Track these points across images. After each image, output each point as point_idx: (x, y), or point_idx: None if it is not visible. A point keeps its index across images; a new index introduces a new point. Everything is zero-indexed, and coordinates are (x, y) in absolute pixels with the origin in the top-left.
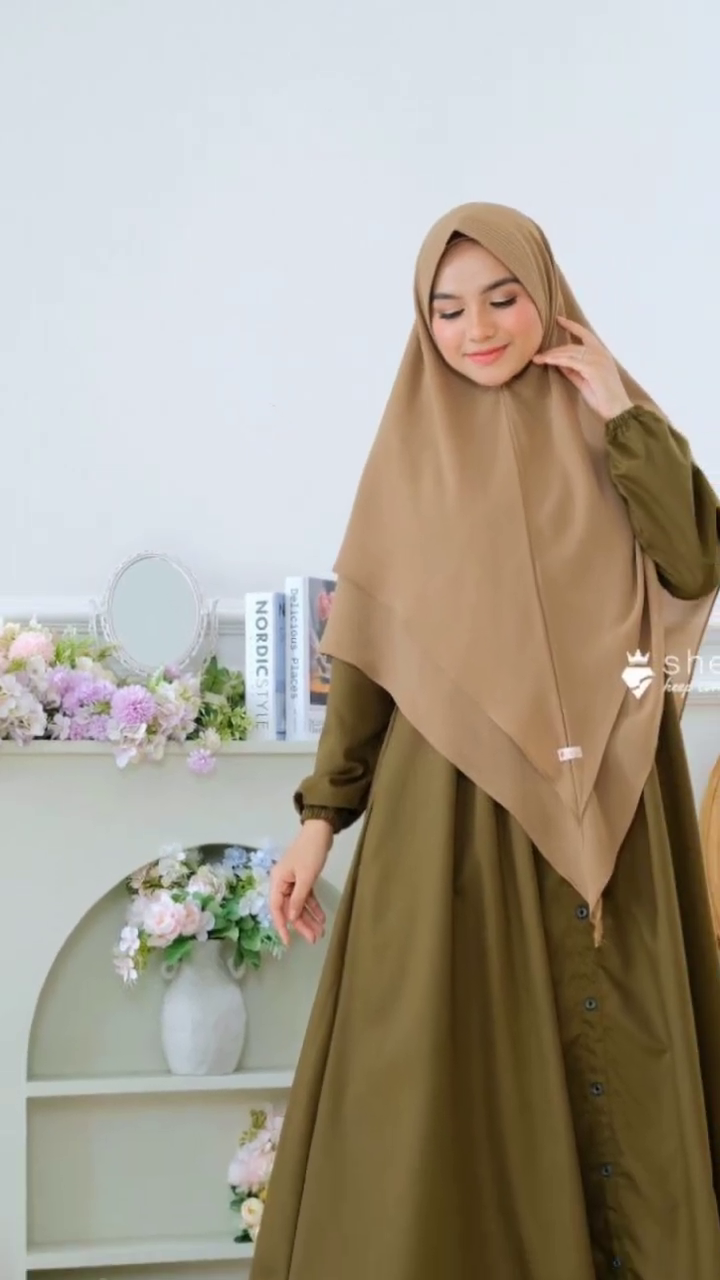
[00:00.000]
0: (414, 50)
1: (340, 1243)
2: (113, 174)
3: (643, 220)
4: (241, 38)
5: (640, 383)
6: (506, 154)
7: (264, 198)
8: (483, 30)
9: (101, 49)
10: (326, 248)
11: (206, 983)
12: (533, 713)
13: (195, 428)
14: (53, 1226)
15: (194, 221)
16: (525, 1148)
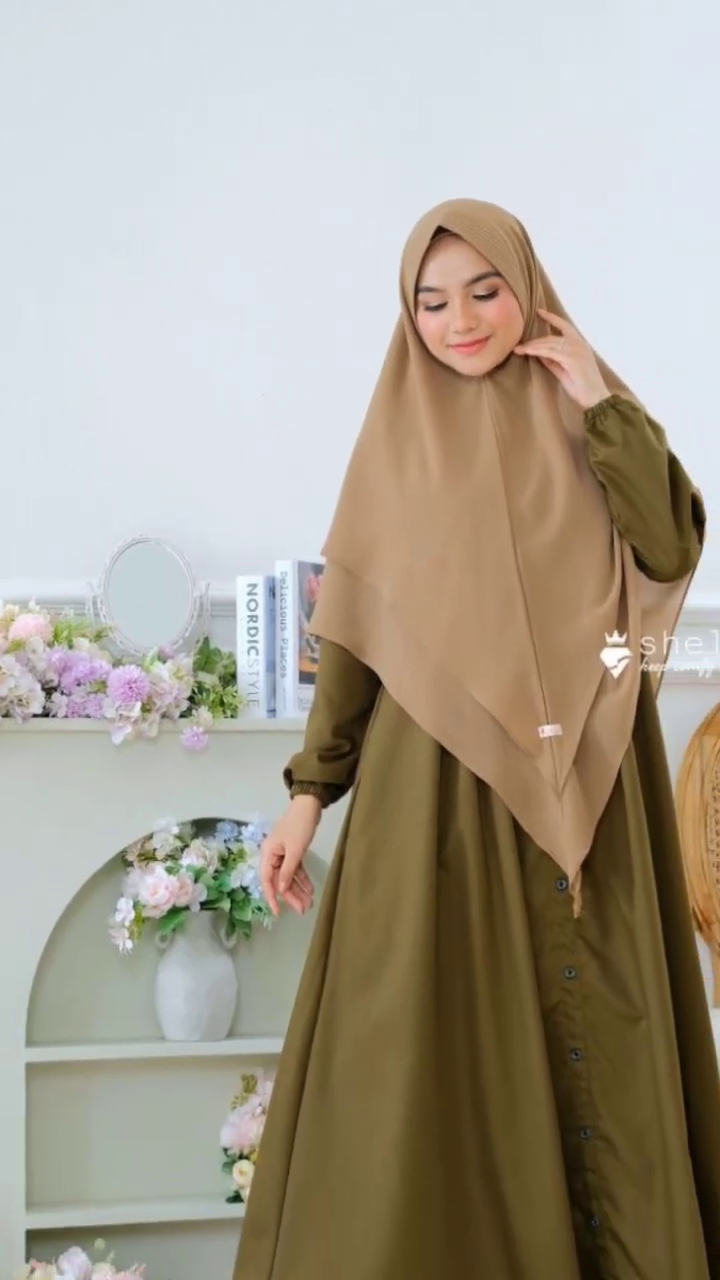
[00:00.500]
0: (401, 54)
1: (328, 1204)
2: (111, 172)
3: (616, 214)
4: (236, 40)
5: (616, 372)
6: (489, 152)
7: (256, 196)
8: (466, 34)
9: (100, 49)
10: (316, 244)
11: (199, 952)
12: (514, 691)
13: (189, 417)
14: (51, 1187)
15: (189, 219)
16: (507, 1112)
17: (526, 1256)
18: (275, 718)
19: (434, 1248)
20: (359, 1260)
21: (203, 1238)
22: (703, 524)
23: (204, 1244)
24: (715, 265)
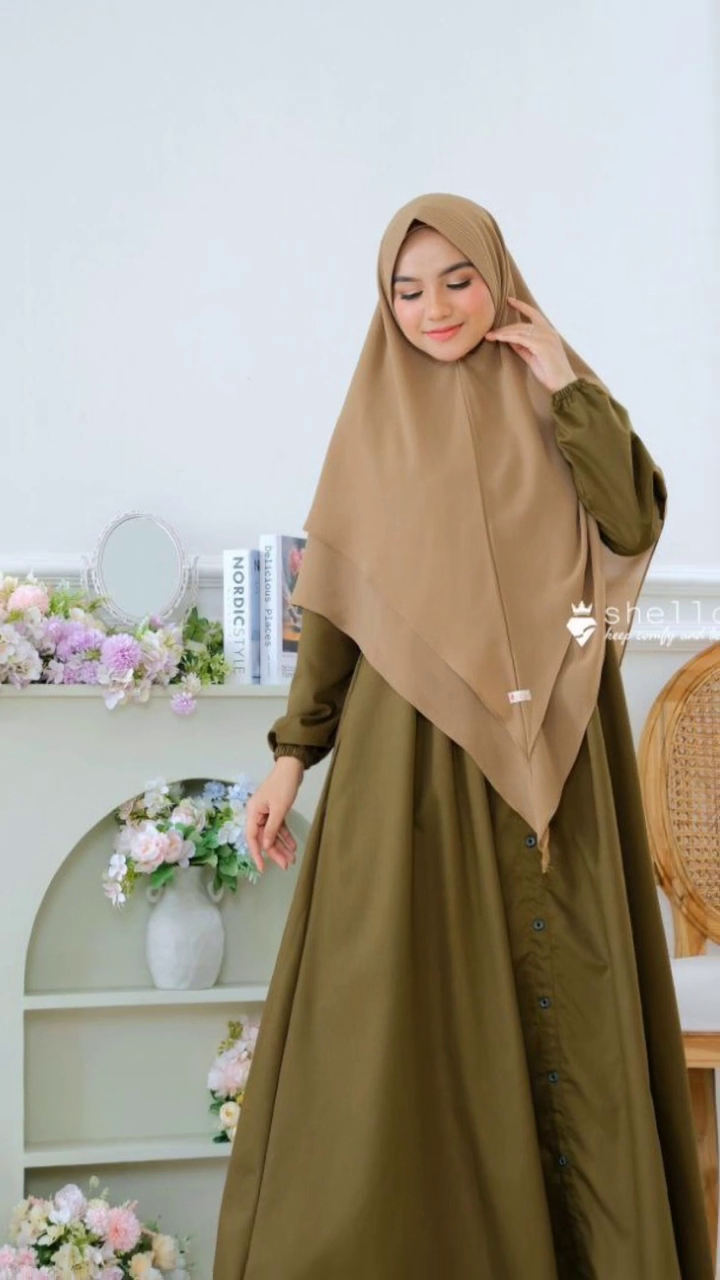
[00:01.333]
0: (380, 55)
1: (310, 1142)
2: (104, 168)
3: (586, 209)
4: (224, 43)
5: (583, 357)
6: (463, 149)
7: (241, 189)
8: (442, 37)
9: (93, 53)
10: (298, 234)
11: (188, 905)
12: (486, 659)
13: (178, 399)
14: (48, 1128)
15: (176, 210)
16: (479, 1056)
17: (497, 1193)
18: (260, 684)
19: (410, 1184)
20: (339, 1195)
21: (191, 1175)
22: (664, 501)
23: (192, 1181)
24: (682, 258)
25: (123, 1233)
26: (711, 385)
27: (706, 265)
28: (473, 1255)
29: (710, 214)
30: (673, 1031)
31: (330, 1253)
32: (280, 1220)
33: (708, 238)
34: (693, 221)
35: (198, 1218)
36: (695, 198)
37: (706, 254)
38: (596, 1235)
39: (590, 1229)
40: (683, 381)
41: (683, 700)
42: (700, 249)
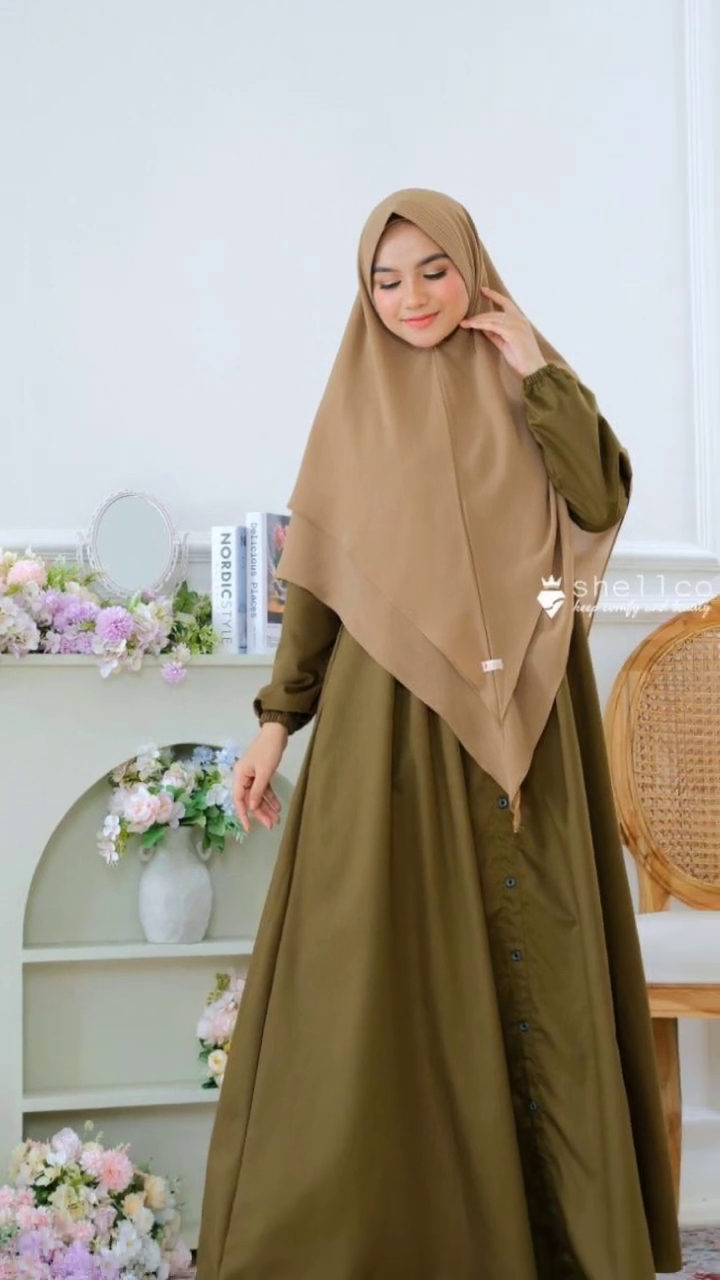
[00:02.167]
0: (356, 58)
1: (294, 1087)
2: (98, 166)
3: (554, 202)
4: (211, 47)
5: (552, 344)
6: (437, 147)
7: (230, 187)
8: (416, 39)
9: (88, 55)
10: (284, 229)
11: (178, 863)
12: (460, 630)
13: (168, 383)
14: (45, 1075)
15: (168, 206)
16: (454, 1007)
17: (471, 1136)
18: (246, 653)
19: (389, 1127)
20: (322, 1137)
21: (181, 1120)
22: (629, 480)
23: (182, 1125)
24: (646, 250)
25: (116, 1174)
26: (674, 370)
27: (669, 256)
28: (448, 1194)
29: (672, 207)
30: (637, 983)
31: (314, 1191)
32: (266, 1161)
33: (669, 230)
34: (655, 215)
35: (187, 1160)
36: (658, 192)
37: (669, 246)
38: (565, 1176)
39: (559, 1170)
40: (647, 367)
41: (647, 669)
42: (662, 241)
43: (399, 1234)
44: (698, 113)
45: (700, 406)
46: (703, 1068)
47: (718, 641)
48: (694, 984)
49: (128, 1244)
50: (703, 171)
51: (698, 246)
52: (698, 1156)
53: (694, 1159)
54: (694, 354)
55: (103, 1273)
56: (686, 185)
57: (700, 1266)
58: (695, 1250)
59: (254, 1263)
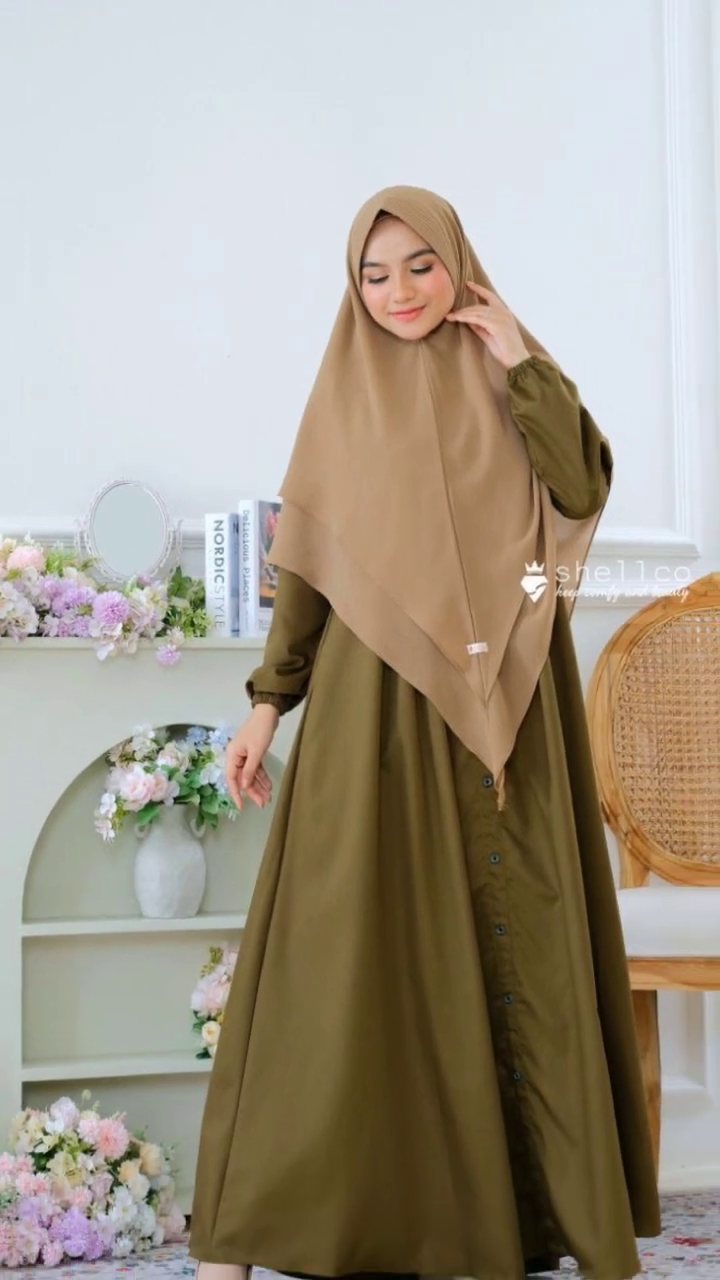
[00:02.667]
0: (349, 60)
1: (285, 1057)
2: (96, 164)
3: (539, 200)
4: (205, 48)
5: (536, 336)
6: (429, 146)
7: (223, 184)
8: (407, 42)
9: (86, 57)
10: (275, 225)
11: (172, 840)
12: (446, 614)
13: (163, 375)
14: (44, 1045)
15: (163, 203)
16: (440, 980)
17: (457, 1106)
18: (239, 637)
19: (377, 1097)
20: (312, 1106)
21: (176, 1089)
22: (610, 469)
23: (177, 1094)
24: (627, 245)
25: (113, 1141)
26: (654, 363)
27: (650, 252)
28: (434, 1162)
29: (653, 204)
30: (618, 957)
31: (304, 1159)
32: (258, 1130)
33: (649, 226)
34: (637, 211)
35: (181, 1128)
36: (640, 189)
37: (649, 242)
38: (548, 1144)
39: (542, 1138)
40: (628, 359)
41: (627, 652)
42: (644, 237)
43: (387, 1200)
44: (676, 113)
45: (679, 398)
46: (681, 1039)
47: (696, 625)
48: (673, 957)
49: (124, 1209)
50: (681, 170)
51: (677, 242)
52: (676, 1125)
53: (673, 1127)
54: (673, 347)
55: (99, 1237)
56: (666, 183)
57: (679, 1231)
58: (674, 1215)
59: (245, 1228)
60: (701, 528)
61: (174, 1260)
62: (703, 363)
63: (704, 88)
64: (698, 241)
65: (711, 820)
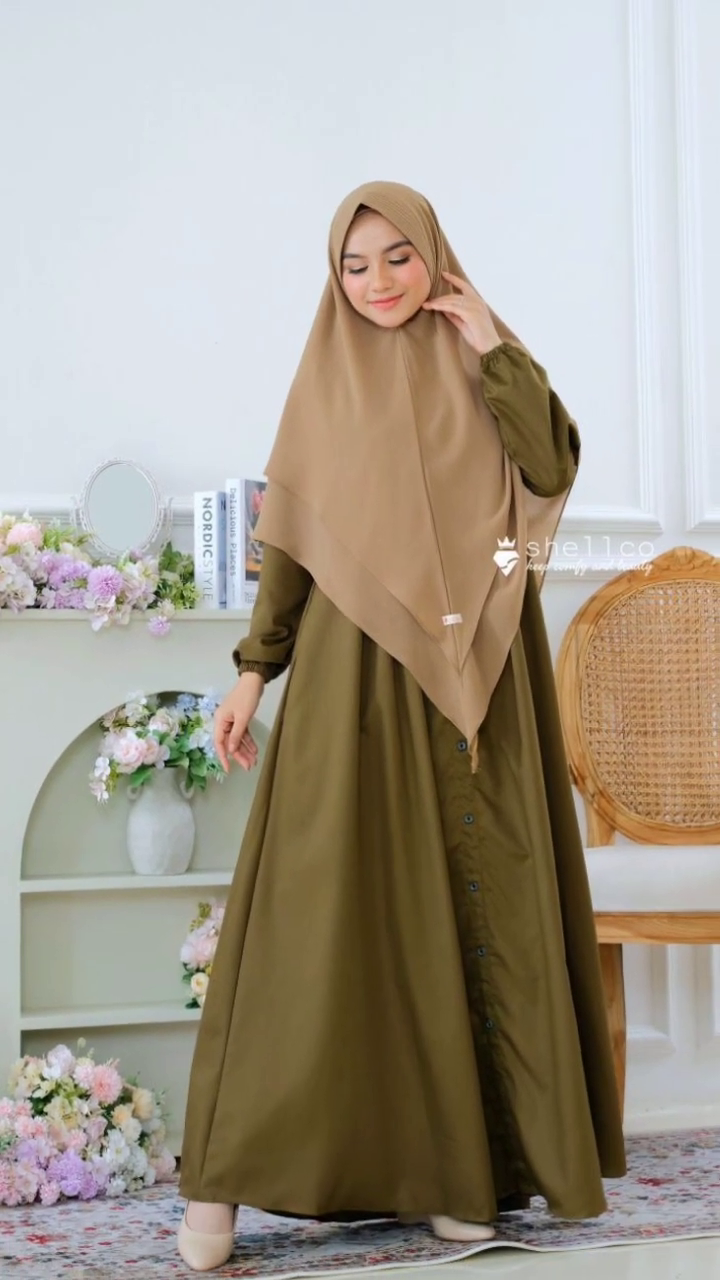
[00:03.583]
0: (328, 61)
1: (270, 1007)
2: (90, 160)
3: (508, 193)
4: (192, 50)
5: (507, 323)
6: (404, 143)
7: (210, 178)
8: (381, 45)
9: (80, 57)
10: (258, 217)
11: (163, 801)
12: (423, 586)
13: (155, 360)
14: (42, 995)
15: (152, 196)
16: (416, 933)
17: (433, 1053)
18: (226, 608)
19: (357, 1044)
20: (295, 1052)
21: (166, 1037)
22: (578, 450)
23: (167, 1042)
24: (593, 236)
25: (107, 1087)
26: (619, 348)
27: (614, 242)
28: (412, 1106)
29: (616, 197)
30: (586, 912)
31: (288, 1103)
32: (243, 1075)
33: (614, 218)
34: (601, 204)
35: (172, 1074)
36: (603, 183)
37: (613, 232)
38: (519, 1089)
39: (514, 1084)
40: (594, 344)
41: (594, 623)
42: (608, 228)
43: (367, 1143)
44: (640, 111)
45: (643, 382)
46: (645, 990)
47: (659, 598)
48: (637, 912)
49: (117, 1151)
50: (644, 163)
51: (640, 232)
52: (640, 1071)
53: (637, 1073)
54: (637, 332)
55: (94, 1178)
56: (630, 176)
57: (643, 1172)
58: (639, 1157)
59: (232, 1169)
60: (664, 505)
61: (165, 1199)
62: (665, 350)
63: (666, 86)
64: (660, 234)
65: (673, 782)
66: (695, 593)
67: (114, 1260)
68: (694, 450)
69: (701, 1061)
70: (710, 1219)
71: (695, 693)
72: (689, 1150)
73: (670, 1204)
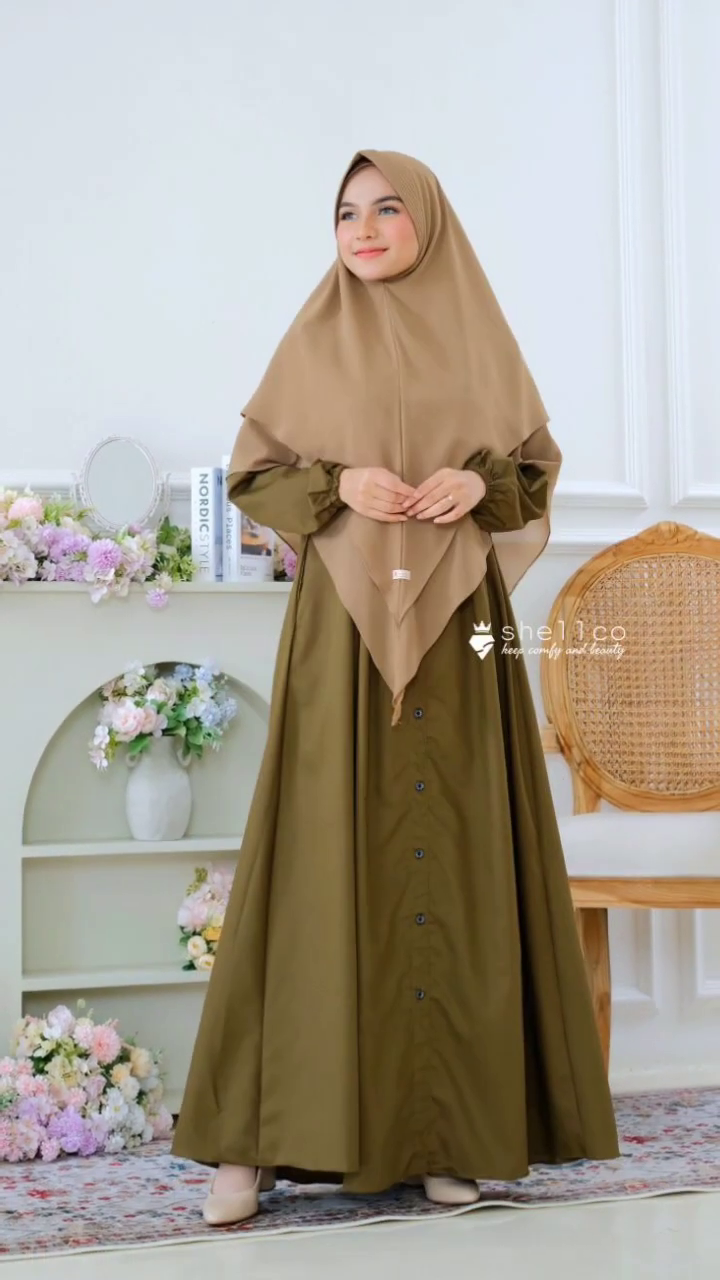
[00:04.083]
0: (323, 43)
1: (300, 973)
2: (86, 145)
3: (498, 174)
4: (186, 37)
5: (501, 305)
6: (391, 123)
7: (204, 162)
8: (378, 25)
9: (77, 44)
10: (252, 199)
11: (161, 769)
12: (378, 538)
13: (152, 340)
14: (42, 957)
15: (149, 178)
16: (370, 897)
17: None
18: (222, 581)
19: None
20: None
21: (163, 998)
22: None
23: (164, 1003)
24: (574, 215)
25: (106, 1046)
26: (604, 323)
27: (600, 222)
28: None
29: (601, 175)
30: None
31: (321, 1076)
32: (282, 1041)
33: (599, 196)
34: (587, 182)
35: (169, 1034)
36: (589, 161)
37: (599, 210)
38: None
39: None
40: (579, 319)
41: (580, 596)
42: (593, 206)
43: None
44: (626, 88)
45: (629, 360)
46: (630, 953)
47: (644, 571)
48: (622, 877)
49: (116, 1109)
50: (630, 141)
51: (626, 212)
52: (625, 1032)
53: (622, 1034)
54: (623, 310)
55: (93, 1135)
56: (616, 154)
57: (628, 1130)
58: (623, 1116)
59: (288, 1132)
60: (649, 481)
61: (161, 1156)
62: (650, 325)
63: (652, 64)
64: (645, 214)
65: (657, 751)
66: (679, 566)
67: (112, 1215)
68: (678, 425)
69: (684, 1022)
70: (693, 1175)
71: (679, 664)
72: (672, 1109)
73: (654, 1161)
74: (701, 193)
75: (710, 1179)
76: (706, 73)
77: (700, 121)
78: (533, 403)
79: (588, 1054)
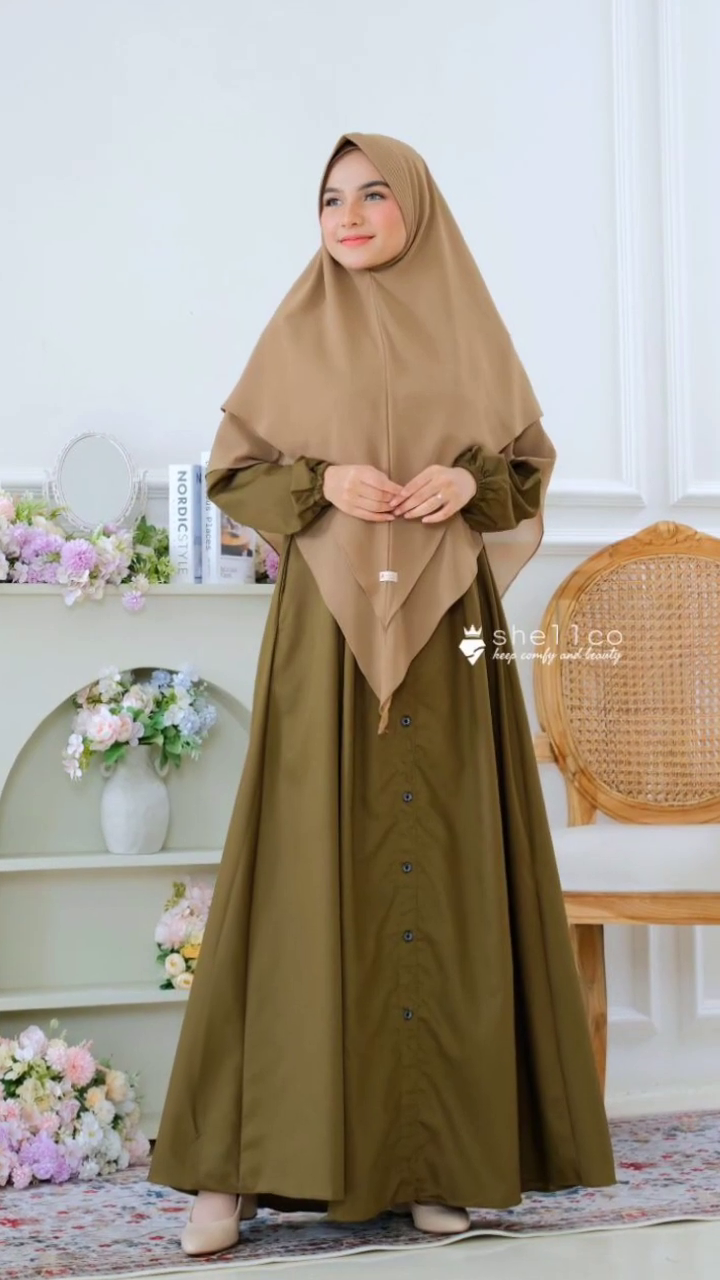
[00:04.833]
0: (309, 22)
1: (281, 990)
2: (59, 125)
3: (491, 159)
4: (168, 19)
5: (492, 294)
6: (380, 108)
7: (185, 148)
8: (366, 3)
9: (59, 25)
10: (234, 186)
11: (137, 779)
12: (365, 539)
13: (129, 332)
14: (14, 975)
15: (127, 165)
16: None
17: None
18: (201, 583)
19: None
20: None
21: (140, 1018)
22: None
23: (141, 1023)
24: (571, 208)
25: (80, 1069)
26: (601, 318)
27: (597, 210)
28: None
29: (599, 168)
30: (556, 895)
31: (305, 1101)
32: (263, 1065)
33: (597, 187)
34: (584, 175)
35: (145, 1056)
36: (586, 153)
37: (596, 203)
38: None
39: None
40: (576, 315)
41: (575, 598)
42: (591, 199)
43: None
44: (623, 76)
45: (625, 354)
46: (626, 971)
47: (641, 573)
48: (618, 892)
49: (90, 1134)
50: (628, 131)
51: (624, 200)
52: (622, 1053)
53: (618, 1055)
54: (619, 303)
55: (67, 1161)
56: (613, 145)
57: (625, 1156)
58: (620, 1141)
59: (269, 1158)
60: (646, 479)
61: (138, 1183)
62: (647, 323)
63: (650, 50)
64: (644, 202)
65: (655, 760)
66: (678, 568)
67: (87, 1244)
68: (678, 421)
69: (684, 1043)
70: (692, 1203)
71: (678, 670)
72: (671, 1134)
73: (652, 1188)
74: (702, 180)
75: (711, 1207)
76: (706, 54)
77: (701, 104)
78: (525, 397)
79: (583, 1076)
